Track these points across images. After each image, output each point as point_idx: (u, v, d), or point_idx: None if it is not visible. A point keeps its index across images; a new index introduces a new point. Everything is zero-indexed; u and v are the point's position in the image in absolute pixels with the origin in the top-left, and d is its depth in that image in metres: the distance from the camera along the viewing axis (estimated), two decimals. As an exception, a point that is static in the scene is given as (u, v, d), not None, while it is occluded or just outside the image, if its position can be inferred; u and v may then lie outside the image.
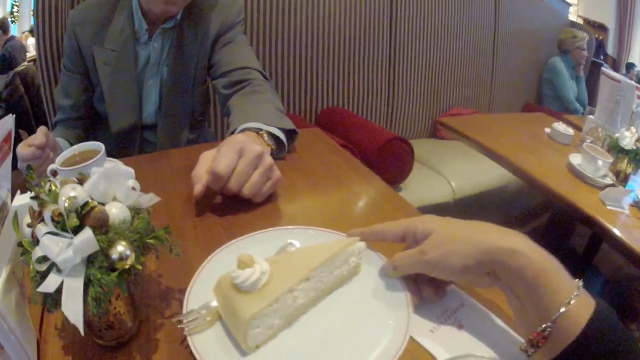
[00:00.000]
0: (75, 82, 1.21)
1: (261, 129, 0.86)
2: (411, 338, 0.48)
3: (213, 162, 0.71)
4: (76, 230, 0.37)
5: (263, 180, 0.73)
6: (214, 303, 0.51)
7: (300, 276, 0.50)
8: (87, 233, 0.36)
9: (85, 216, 0.37)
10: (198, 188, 0.71)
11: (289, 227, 0.66)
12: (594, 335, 0.40)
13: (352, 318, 0.52)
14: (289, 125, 0.93)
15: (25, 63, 3.37)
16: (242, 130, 0.86)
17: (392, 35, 2.41)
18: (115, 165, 0.42)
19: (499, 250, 0.45)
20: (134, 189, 0.43)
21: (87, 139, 0.85)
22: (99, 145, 0.78)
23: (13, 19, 5.18)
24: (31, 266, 0.39)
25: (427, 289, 0.53)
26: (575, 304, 0.41)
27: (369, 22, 2.30)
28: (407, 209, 0.78)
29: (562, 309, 0.41)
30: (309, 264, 0.52)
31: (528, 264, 0.43)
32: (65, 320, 0.38)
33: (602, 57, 3.68)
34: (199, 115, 1.34)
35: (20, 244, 0.41)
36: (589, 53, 3.32)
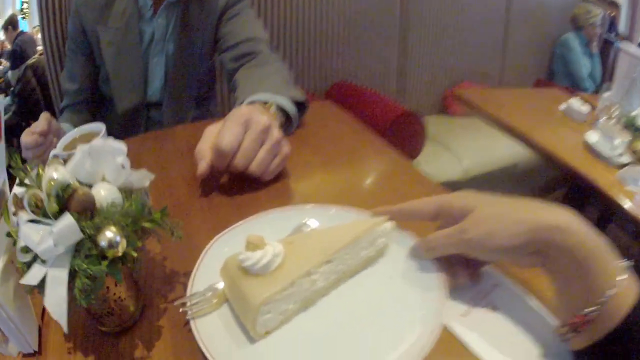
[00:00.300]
0: (79, 64, 1.19)
1: (268, 101, 0.81)
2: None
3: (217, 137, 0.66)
4: (59, 217, 0.33)
5: (271, 156, 0.67)
6: (221, 285, 0.47)
7: (321, 258, 0.46)
8: (67, 219, 0.32)
9: (69, 200, 0.33)
10: (202, 166, 0.66)
11: (306, 205, 0.60)
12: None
13: (379, 301, 0.47)
14: (299, 96, 0.87)
15: (37, 56, 3.37)
16: (249, 103, 0.81)
17: (403, 8, 2.32)
18: (103, 141, 0.37)
19: (549, 228, 0.39)
20: (123, 166, 0.39)
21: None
22: (100, 126, 0.75)
23: (24, 16, 5.22)
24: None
25: (462, 271, 0.48)
26: (622, 286, 0.36)
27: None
28: (428, 184, 0.72)
29: (612, 291, 0.36)
30: (331, 245, 0.47)
31: (579, 243, 0.38)
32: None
33: (613, 34, 3.49)
34: (204, 92, 1.32)
35: (9, 234, 0.38)
36: (602, 30, 3.16)
